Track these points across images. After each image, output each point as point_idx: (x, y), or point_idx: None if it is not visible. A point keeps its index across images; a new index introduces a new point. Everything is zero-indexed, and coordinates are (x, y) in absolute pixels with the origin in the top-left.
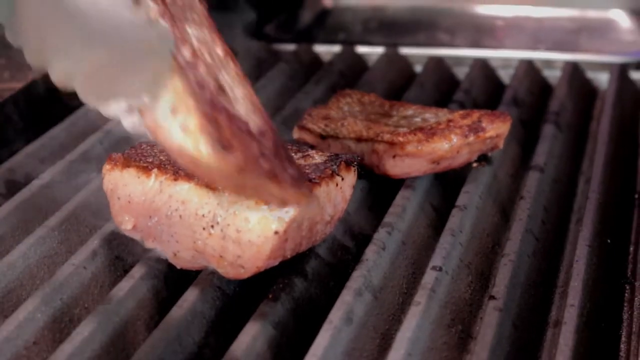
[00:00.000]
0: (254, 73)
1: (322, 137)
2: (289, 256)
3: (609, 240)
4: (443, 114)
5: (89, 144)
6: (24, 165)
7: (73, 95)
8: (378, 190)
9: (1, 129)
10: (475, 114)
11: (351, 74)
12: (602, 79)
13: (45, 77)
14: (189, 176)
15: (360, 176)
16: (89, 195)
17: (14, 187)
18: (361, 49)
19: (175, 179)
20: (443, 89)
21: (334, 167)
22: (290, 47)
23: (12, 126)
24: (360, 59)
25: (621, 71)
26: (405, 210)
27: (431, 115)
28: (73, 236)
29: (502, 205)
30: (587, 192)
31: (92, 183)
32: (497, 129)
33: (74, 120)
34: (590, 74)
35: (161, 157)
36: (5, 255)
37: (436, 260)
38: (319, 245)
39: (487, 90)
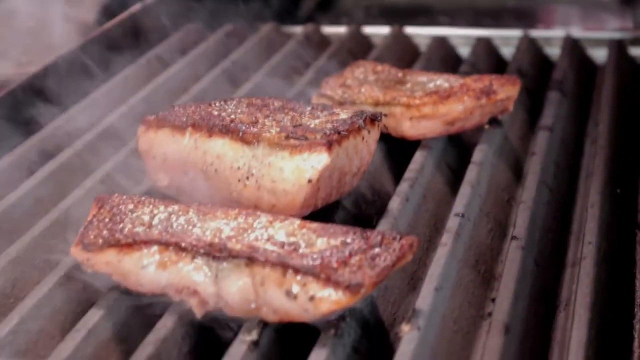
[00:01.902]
0: (266, 53)
1: (341, 103)
2: (319, 206)
3: (618, 190)
4: (455, 79)
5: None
6: (55, 136)
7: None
8: (396, 151)
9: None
10: (487, 78)
11: (360, 53)
12: (600, 55)
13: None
14: (224, 132)
15: (378, 139)
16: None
17: (46, 156)
18: (367, 30)
19: (210, 135)
20: (449, 64)
21: (360, 121)
22: (297, 29)
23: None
24: (366, 39)
25: (619, 47)
26: (424, 167)
27: (443, 81)
28: None
29: (515, 163)
30: (594, 152)
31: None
32: (507, 91)
33: (96, 96)
34: (590, 51)
35: (194, 117)
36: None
37: (458, 208)
38: (345, 198)
39: (492, 64)
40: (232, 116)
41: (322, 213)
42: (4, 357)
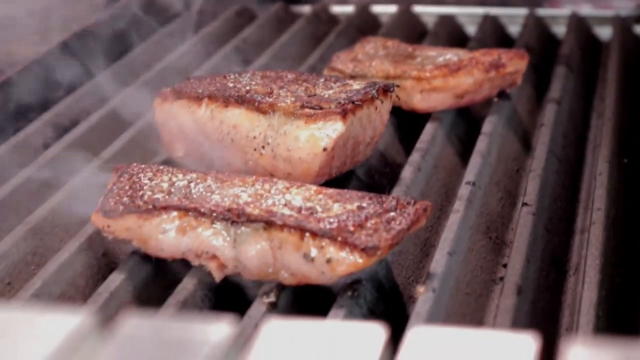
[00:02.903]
0: (276, 32)
1: (352, 77)
2: (334, 175)
3: (625, 160)
4: (464, 53)
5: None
6: (69, 111)
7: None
8: (406, 124)
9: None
10: (495, 52)
11: (368, 31)
12: (606, 33)
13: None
14: (240, 102)
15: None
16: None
17: (61, 129)
18: (375, 9)
19: (226, 106)
20: (456, 42)
21: (374, 91)
22: (306, 8)
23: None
24: (374, 18)
25: (624, 25)
26: (435, 138)
27: (453, 55)
28: None
29: (524, 135)
30: (601, 124)
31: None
32: (515, 65)
33: (109, 73)
34: (595, 29)
35: (210, 88)
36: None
37: (469, 176)
38: (358, 168)
39: (498, 42)
40: (248, 87)
41: (336, 183)
42: None
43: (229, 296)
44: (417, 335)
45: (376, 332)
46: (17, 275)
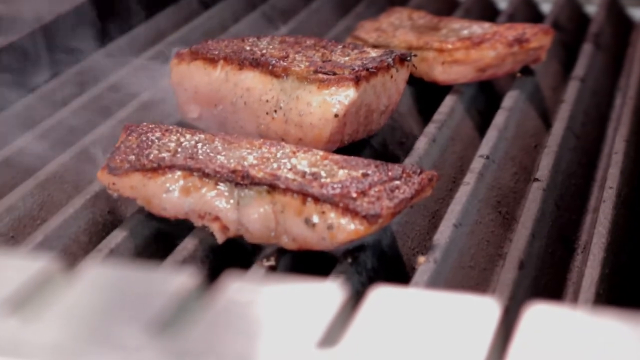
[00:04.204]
0: (302, 3)
1: (375, 46)
2: (346, 142)
3: None
4: (489, 26)
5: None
6: (92, 69)
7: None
8: (427, 95)
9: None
10: (520, 26)
11: (398, 1)
12: (639, 14)
13: None
14: (254, 65)
15: (410, 83)
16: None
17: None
18: None
19: (241, 68)
20: (486, 15)
21: (390, 59)
22: None
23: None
24: None
25: None
26: (453, 111)
27: (478, 28)
28: None
29: (545, 112)
30: (623, 103)
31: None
32: (540, 40)
33: (134, 34)
34: (629, 10)
35: (226, 50)
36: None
37: (483, 150)
38: (372, 137)
39: (529, 17)
40: (264, 51)
41: (349, 150)
42: None
43: (229, 258)
44: (378, 295)
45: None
46: (22, 229)
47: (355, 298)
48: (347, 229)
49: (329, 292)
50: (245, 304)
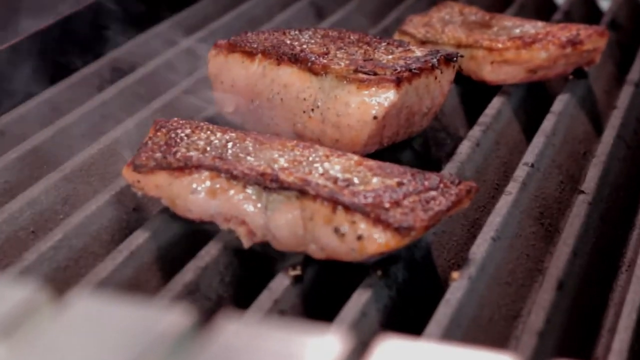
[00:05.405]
0: None
1: (423, 42)
2: (385, 144)
3: None
4: (542, 26)
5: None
6: (129, 55)
7: None
8: (475, 95)
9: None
10: (574, 27)
11: None
12: None
13: None
14: (292, 61)
15: (458, 82)
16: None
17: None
18: None
19: (279, 64)
20: (543, 11)
21: (434, 60)
22: None
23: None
24: None
25: None
26: (500, 113)
27: (530, 27)
28: None
29: (596, 117)
30: None
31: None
32: (594, 42)
33: (176, 21)
34: None
35: (265, 44)
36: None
37: (528, 157)
38: (414, 139)
39: (586, 14)
40: (304, 46)
41: (389, 152)
42: (41, 272)
43: (253, 266)
44: (384, 348)
45: None
46: (43, 224)
47: (361, 349)
48: (377, 240)
49: (331, 344)
50: (240, 351)
